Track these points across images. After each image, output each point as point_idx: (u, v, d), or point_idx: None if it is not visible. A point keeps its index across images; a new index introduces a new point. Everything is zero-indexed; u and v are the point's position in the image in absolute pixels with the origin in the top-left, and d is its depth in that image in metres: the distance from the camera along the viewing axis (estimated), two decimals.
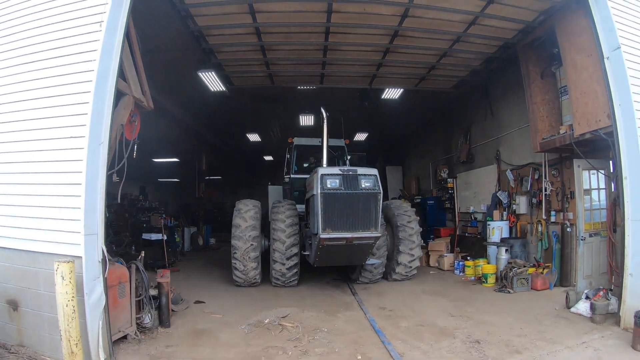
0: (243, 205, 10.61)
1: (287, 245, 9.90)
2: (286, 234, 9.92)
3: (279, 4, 8.45)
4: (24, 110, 5.65)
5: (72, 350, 4.67)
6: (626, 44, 7.16)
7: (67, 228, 5.19)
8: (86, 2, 5.66)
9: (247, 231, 9.97)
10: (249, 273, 10.01)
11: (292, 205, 10.75)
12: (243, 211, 10.33)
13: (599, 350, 5.88)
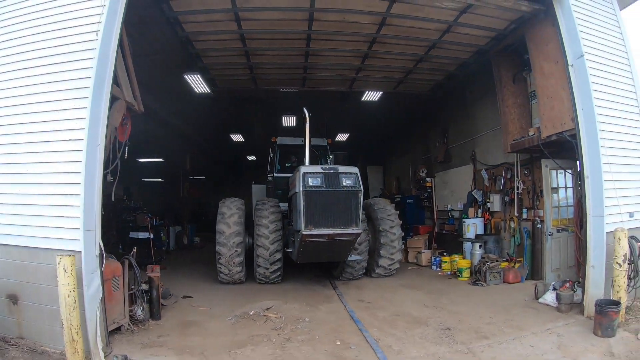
0: (226, 208, 10.62)
1: (270, 252, 10.05)
2: (270, 240, 10.06)
3: (263, 13, 8.84)
4: (26, 113, 5.94)
5: (74, 338, 5.01)
6: (589, 52, 7.66)
7: (67, 225, 5.51)
8: (83, 12, 5.98)
9: (231, 237, 10.06)
10: (234, 275, 10.18)
11: (275, 207, 10.85)
12: (227, 216, 10.37)
13: (562, 336, 6.35)
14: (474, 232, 12.30)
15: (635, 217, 7.71)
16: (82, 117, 5.55)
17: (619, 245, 6.75)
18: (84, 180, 5.44)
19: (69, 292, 5.01)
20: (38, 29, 6.12)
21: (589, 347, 5.91)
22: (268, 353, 5.79)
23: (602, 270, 7.08)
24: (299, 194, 8.60)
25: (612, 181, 7.21)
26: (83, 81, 5.69)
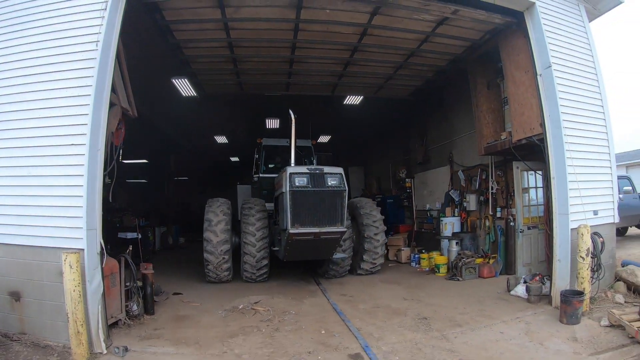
0: (213, 215, 10.61)
1: (257, 258, 10.23)
2: (257, 248, 10.20)
3: (251, 23, 9.28)
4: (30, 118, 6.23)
5: (78, 330, 5.38)
6: (557, 63, 8.22)
7: (71, 224, 5.85)
8: (83, 22, 6.31)
9: (219, 245, 10.17)
10: (222, 277, 10.38)
11: (262, 210, 10.94)
12: (214, 223, 10.40)
13: (529, 324, 6.92)
14: (451, 230, 12.86)
15: (599, 214, 8.33)
16: (84, 123, 5.92)
17: (582, 241, 7.34)
18: (86, 183, 5.81)
19: (75, 287, 5.37)
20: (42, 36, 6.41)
21: (554, 333, 6.45)
22: (259, 341, 6.23)
23: (568, 264, 7.66)
24: (285, 193, 8.80)
25: (576, 182, 7.79)
26: (84, 89, 6.04)
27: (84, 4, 6.42)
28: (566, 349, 5.87)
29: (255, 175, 13.92)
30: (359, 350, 5.89)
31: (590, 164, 8.35)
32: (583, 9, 9.15)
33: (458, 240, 12.03)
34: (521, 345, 6.00)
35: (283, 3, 8.34)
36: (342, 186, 9.07)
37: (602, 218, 8.43)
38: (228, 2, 8.21)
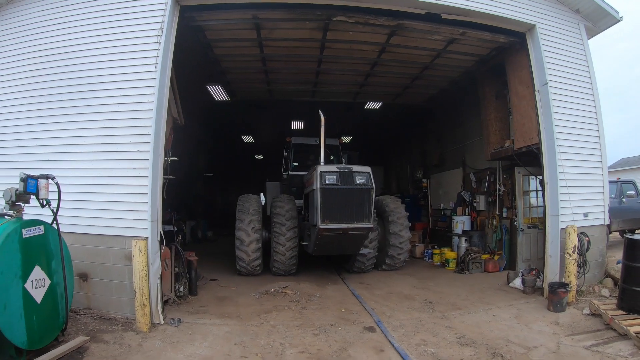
0: (244, 215, 10.81)
1: (287, 257, 10.50)
2: (286, 247, 10.46)
3: (283, 42, 10.58)
4: (104, 127, 7.45)
5: (144, 303, 6.64)
6: (553, 80, 9.11)
7: (138, 217, 7.09)
8: (145, 47, 7.52)
9: (250, 245, 10.47)
10: (253, 272, 10.74)
11: (292, 206, 11.16)
12: (245, 223, 10.64)
13: (520, 310, 7.95)
14: (461, 228, 13.85)
15: (589, 217, 9.26)
16: (148, 133, 7.16)
17: (569, 239, 8.33)
18: (150, 182, 7.06)
19: (142, 268, 6.63)
20: (112, 63, 7.65)
21: (540, 318, 7.46)
22: (290, 316, 7.48)
23: (557, 260, 8.61)
24: (316, 191, 9.14)
25: (566, 187, 8.75)
26: (148, 105, 7.27)
27: (145, 30, 7.60)
28: (547, 330, 6.88)
29: (285, 173, 14.10)
30: (372, 325, 7.08)
31: (581, 171, 9.23)
32: (583, 27, 9.94)
33: (467, 238, 13.09)
34: (509, 326, 7.06)
35: (312, 26, 9.54)
36: (370, 184, 9.39)
37: (592, 220, 9.33)
38: (264, 25, 9.49)
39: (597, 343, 6.33)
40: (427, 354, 5.77)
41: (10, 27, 8.43)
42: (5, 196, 5.33)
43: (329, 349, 5.99)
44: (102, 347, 5.89)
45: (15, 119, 7.99)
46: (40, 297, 5.40)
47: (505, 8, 8.98)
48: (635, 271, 7.12)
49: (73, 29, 7.90)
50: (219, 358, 5.64)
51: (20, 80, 8.06)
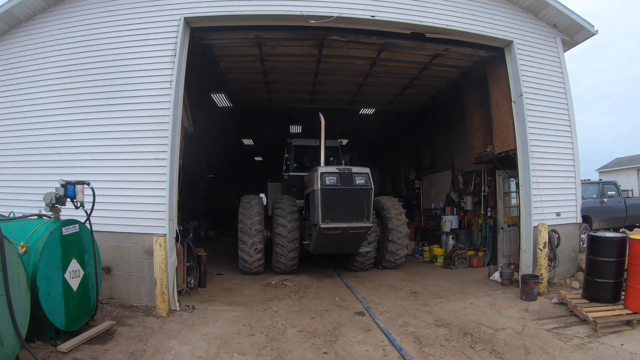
0: (247, 217, 11.12)
1: (289, 258, 10.75)
2: (288, 249, 10.70)
3: (283, 57, 11.62)
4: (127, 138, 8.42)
5: (163, 291, 7.59)
6: (528, 92, 9.98)
7: (157, 216, 8.05)
8: (161, 65, 8.49)
9: (253, 246, 10.83)
10: (255, 271, 11.08)
11: (293, 206, 11.38)
12: (248, 224, 10.98)
13: (496, 299, 8.88)
14: (449, 227, 14.80)
15: (562, 216, 10.15)
16: (165, 143, 8.16)
17: (540, 236, 9.24)
18: (168, 186, 8.06)
19: (162, 260, 7.59)
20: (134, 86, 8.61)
21: (512, 306, 8.37)
22: (289, 303, 8.47)
23: (531, 254, 9.54)
24: (317, 191, 9.43)
25: (538, 189, 9.66)
26: (164, 118, 8.27)
27: (161, 50, 8.58)
28: (516, 315, 7.78)
29: (286, 174, 14.38)
30: (362, 310, 8.06)
31: (554, 175, 10.10)
32: (559, 40, 10.75)
33: (454, 235, 14.05)
34: (483, 312, 8.00)
35: (309, 44, 10.58)
36: (369, 185, 9.69)
37: (565, 219, 10.23)
38: (265, 43, 10.51)
39: (559, 326, 7.18)
40: (407, 333, 6.72)
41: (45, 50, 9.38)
42: (46, 199, 6.26)
43: (324, 328, 6.96)
44: (127, 329, 6.83)
45: (54, 134, 8.89)
46: (76, 286, 6.34)
47: (484, 26, 9.88)
48: (596, 264, 7.84)
49: (98, 52, 8.89)
50: (230, 335, 6.60)
51: (60, 97, 8.98)
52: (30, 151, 8.93)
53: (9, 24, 9.50)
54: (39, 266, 5.56)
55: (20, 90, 9.25)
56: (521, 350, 6.07)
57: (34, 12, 9.41)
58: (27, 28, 9.55)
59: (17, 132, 9.12)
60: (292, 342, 6.35)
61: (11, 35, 9.64)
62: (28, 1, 9.14)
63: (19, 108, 9.20)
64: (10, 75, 9.46)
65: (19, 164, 8.99)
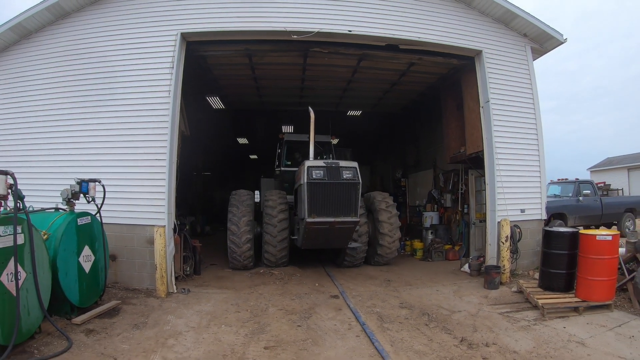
0: (236, 208, 11.37)
1: (278, 249, 11.01)
2: (277, 238, 10.95)
3: (271, 65, 12.74)
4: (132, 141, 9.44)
5: (162, 275, 8.62)
6: (495, 98, 10.91)
7: (157, 210, 9.11)
8: (160, 77, 9.53)
9: (242, 235, 11.01)
10: (245, 265, 11.27)
11: (283, 198, 11.55)
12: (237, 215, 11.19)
13: (460, 287, 9.84)
14: (429, 223, 15.79)
15: (526, 212, 11.08)
16: (164, 145, 9.23)
17: (502, 230, 10.20)
18: (167, 183, 9.14)
19: (162, 248, 8.62)
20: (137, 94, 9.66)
21: (474, 293, 9.33)
22: (274, 288, 9.52)
23: (495, 247, 10.51)
24: (303, 185, 9.44)
25: (502, 187, 10.66)
26: (163, 124, 9.33)
27: (162, 64, 9.63)
28: (475, 301, 8.70)
29: (277, 169, 14.39)
30: (337, 294, 9.10)
31: (518, 174, 11.01)
32: (529, 49, 11.56)
33: (433, 231, 15.07)
34: (446, 297, 8.98)
35: (294, 54, 11.66)
36: (356, 179, 9.62)
37: (529, 215, 11.12)
38: (254, 54, 11.58)
39: (511, 311, 7.99)
40: (372, 312, 7.73)
41: None
42: (63, 194, 7.30)
43: (301, 308, 7.99)
44: (131, 307, 7.86)
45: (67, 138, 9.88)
46: (88, 269, 7.36)
47: (454, 37, 10.85)
48: (549, 256, 8.62)
49: (105, 62, 9.93)
50: (219, 312, 7.65)
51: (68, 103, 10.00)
52: (44, 152, 9.95)
53: (19, 34, 10.46)
54: (58, 251, 6.60)
55: (35, 96, 10.24)
56: (470, 328, 6.95)
57: (42, 24, 10.39)
58: (37, 39, 10.54)
59: (30, 134, 10.13)
60: (272, 318, 7.38)
61: (22, 45, 10.62)
62: (37, 14, 10.11)
63: (33, 112, 10.22)
64: (23, 83, 10.44)
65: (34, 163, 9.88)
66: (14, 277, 5.44)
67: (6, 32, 10.24)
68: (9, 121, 10.36)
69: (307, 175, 9.40)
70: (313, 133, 10.25)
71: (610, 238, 7.79)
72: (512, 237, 10.43)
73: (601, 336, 6.56)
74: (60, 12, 10.22)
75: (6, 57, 10.64)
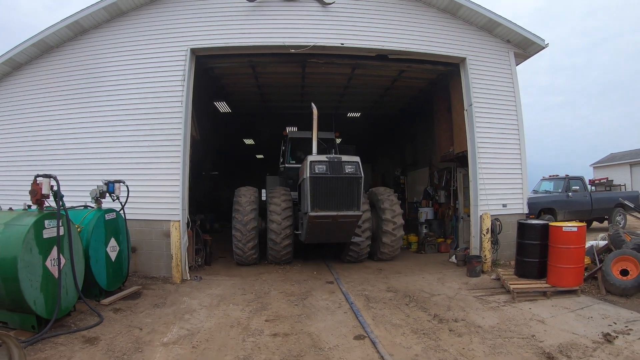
0: (241, 198, 11.78)
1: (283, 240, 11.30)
2: (281, 235, 11.26)
3: (273, 74, 13.94)
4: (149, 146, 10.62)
5: (177, 264, 9.78)
6: (477, 102, 11.85)
7: (173, 206, 10.31)
8: (173, 88, 10.72)
9: (246, 224, 11.33)
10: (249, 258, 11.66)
11: (286, 194, 11.77)
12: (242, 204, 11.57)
13: (445, 275, 10.82)
14: (424, 218, 16.79)
15: (508, 207, 11.99)
16: (178, 150, 10.44)
17: (484, 223, 11.21)
18: (181, 183, 10.35)
19: (177, 240, 9.79)
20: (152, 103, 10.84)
21: (456, 280, 10.31)
22: (276, 276, 10.67)
23: (478, 239, 11.49)
24: (306, 180, 9.52)
25: (483, 184, 11.63)
26: (177, 130, 10.52)
27: (174, 77, 10.81)
28: (455, 287, 9.65)
29: (282, 166, 14.51)
30: (332, 280, 10.22)
31: (500, 172, 11.91)
32: (512, 54, 12.39)
33: (427, 225, 16.10)
34: (429, 283, 10.00)
35: (293, 64, 12.80)
36: (359, 173, 9.67)
37: (511, 209, 12.00)
38: (257, 64, 12.75)
39: (486, 294, 8.85)
40: (361, 295, 8.81)
41: None
42: (92, 194, 8.49)
43: (299, 291, 9.13)
44: (150, 291, 9.03)
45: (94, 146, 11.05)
46: (114, 257, 8.52)
47: (440, 46, 11.82)
48: (523, 246, 9.40)
49: (123, 76, 11.16)
50: (228, 294, 8.82)
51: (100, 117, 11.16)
52: (72, 155, 11.11)
53: (41, 49, 11.66)
54: (90, 241, 7.78)
55: (59, 106, 11.47)
56: (444, 308, 7.92)
57: (62, 40, 11.57)
58: (56, 54, 11.76)
59: (57, 140, 11.33)
60: (273, 299, 8.52)
61: (43, 58, 11.84)
62: (58, 31, 11.30)
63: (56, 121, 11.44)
64: (48, 94, 11.66)
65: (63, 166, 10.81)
66: (56, 262, 6.60)
67: (29, 47, 11.47)
68: (36, 129, 11.59)
69: (309, 169, 9.50)
70: (316, 129, 10.39)
71: (575, 229, 8.60)
72: (492, 230, 11.34)
73: (562, 316, 7.29)
74: (78, 29, 11.41)
75: (30, 70, 11.87)
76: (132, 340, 6.20)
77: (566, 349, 5.81)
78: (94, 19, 11.24)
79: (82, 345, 6.02)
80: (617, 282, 8.35)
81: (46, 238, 6.47)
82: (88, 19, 11.20)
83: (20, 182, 9.78)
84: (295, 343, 6.16)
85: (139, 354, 5.73)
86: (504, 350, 5.81)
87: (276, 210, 11.31)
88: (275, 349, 5.94)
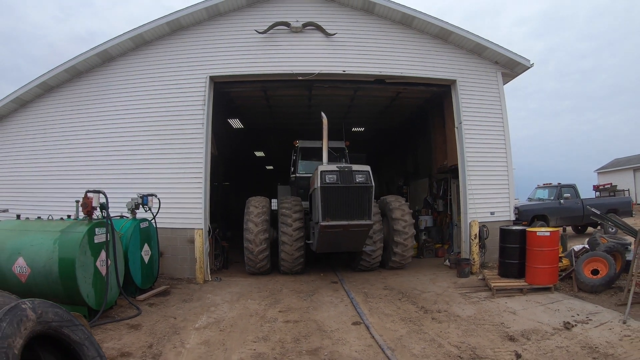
0: (253, 208, 12.05)
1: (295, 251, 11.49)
2: (293, 247, 11.46)
3: (282, 97, 15.40)
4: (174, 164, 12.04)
5: (200, 266, 11.17)
6: (467, 120, 13.09)
7: (196, 216, 11.71)
8: (195, 111, 12.17)
9: (258, 235, 11.55)
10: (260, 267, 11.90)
11: (298, 204, 11.90)
12: (254, 215, 11.78)
13: (437, 275, 11.98)
14: (424, 225, 17.90)
15: (495, 214, 13.11)
16: (201, 167, 11.91)
17: (472, 229, 12.35)
18: (204, 196, 11.80)
19: (200, 245, 11.19)
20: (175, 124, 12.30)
21: (446, 279, 11.45)
22: (288, 277, 11.93)
23: (468, 243, 12.63)
24: (317, 189, 9.58)
25: (472, 194, 12.85)
26: (199, 149, 11.99)
27: (195, 101, 12.26)
28: (444, 285, 10.76)
29: (293, 176, 14.63)
30: (337, 281, 11.50)
31: (488, 183, 13.08)
32: (499, 74, 13.52)
33: (426, 232, 17.30)
34: (422, 282, 11.18)
35: (301, 89, 14.33)
36: (369, 182, 9.73)
37: (499, 217, 13.07)
38: (268, 89, 14.29)
39: (470, 292, 9.87)
40: (361, 292, 10.10)
41: None
42: (128, 205, 9.90)
43: (307, 289, 10.47)
44: (178, 290, 10.44)
45: (132, 166, 12.41)
46: (147, 261, 9.93)
47: (432, 70, 13.13)
48: (505, 249, 10.35)
49: (151, 101, 12.62)
50: (245, 292, 10.22)
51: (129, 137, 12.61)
52: (105, 171, 12.53)
53: (72, 74, 13.16)
54: (128, 246, 9.21)
55: (97, 126, 12.92)
56: (431, 302, 9.10)
57: (92, 66, 13.06)
58: (87, 79, 13.22)
59: (93, 157, 12.77)
60: (285, 295, 9.90)
61: (73, 83, 13.30)
62: (88, 59, 12.79)
63: (95, 140, 12.88)
64: (84, 115, 13.09)
65: (99, 179, 12.03)
66: (104, 263, 8.01)
67: (61, 73, 12.98)
68: (71, 147, 13.06)
69: (320, 179, 9.52)
70: (326, 138, 10.44)
71: (548, 234, 9.68)
72: (480, 235, 12.42)
73: (532, 309, 8.25)
74: (106, 56, 12.89)
75: (61, 93, 13.37)
76: (169, 326, 7.57)
77: (528, 333, 6.90)
78: (120, 48, 12.72)
79: (127, 330, 7.38)
80: (587, 281, 9.34)
81: (96, 243, 7.88)
82: (115, 48, 12.69)
83: (59, 193, 11.84)
84: (304, 327, 7.49)
85: (177, 335, 7.09)
86: (475, 334, 6.99)
87: (287, 221, 11.43)
88: (288, 331, 7.28)
